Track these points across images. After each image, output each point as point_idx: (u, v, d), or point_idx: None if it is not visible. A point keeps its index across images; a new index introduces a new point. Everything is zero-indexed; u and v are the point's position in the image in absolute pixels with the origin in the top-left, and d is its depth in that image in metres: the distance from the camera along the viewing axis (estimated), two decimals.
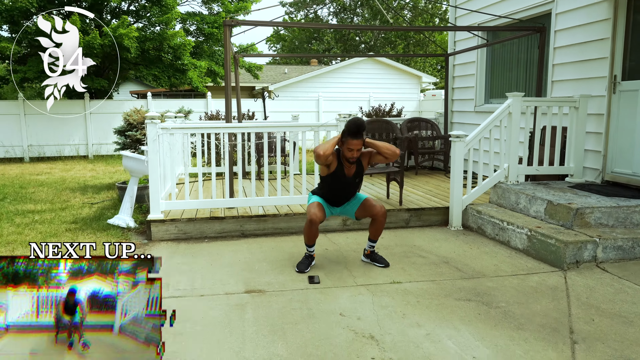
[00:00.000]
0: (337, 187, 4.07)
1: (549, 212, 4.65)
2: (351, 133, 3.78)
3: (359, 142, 3.80)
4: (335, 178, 4.01)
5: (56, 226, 5.64)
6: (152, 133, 4.95)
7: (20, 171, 12.23)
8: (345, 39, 42.49)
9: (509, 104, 5.39)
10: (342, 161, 3.96)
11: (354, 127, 3.77)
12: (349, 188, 4.11)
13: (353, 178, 4.05)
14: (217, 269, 4.14)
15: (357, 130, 3.77)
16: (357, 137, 3.78)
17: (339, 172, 3.98)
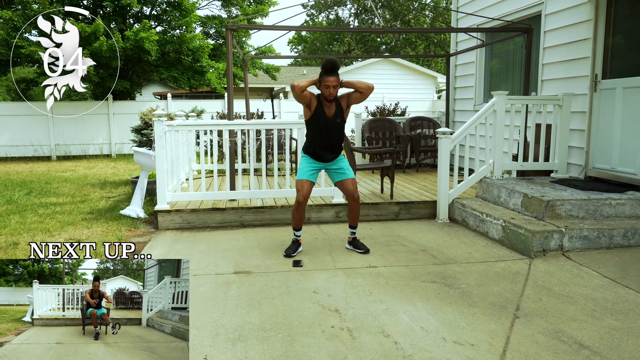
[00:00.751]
0: (321, 129, 4.31)
1: (524, 205, 4.94)
2: (326, 71, 4.12)
3: (334, 78, 4.11)
4: (317, 119, 4.28)
5: (74, 216, 6.15)
6: (158, 130, 5.40)
7: (47, 169, 12.93)
8: (365, 40, 42.78)
9: (494, 102, 5.67)
10: (322, 102, 4.26)
11: (328, 64, 4.12)
12: (332, 130, 4.33)
13: (334, 118, 4.30)
14: (213, 253, 4.56)
15: (332, 67, 4.11)
16: (331, 74, 4.11)
17: (320, 111, 4.26)
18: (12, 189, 8.83)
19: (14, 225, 5.67)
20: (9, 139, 15.82)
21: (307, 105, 4.30)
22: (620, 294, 3.47)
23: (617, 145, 5.39)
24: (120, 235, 5.18)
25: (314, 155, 4.44)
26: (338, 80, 4.16)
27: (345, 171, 4.50)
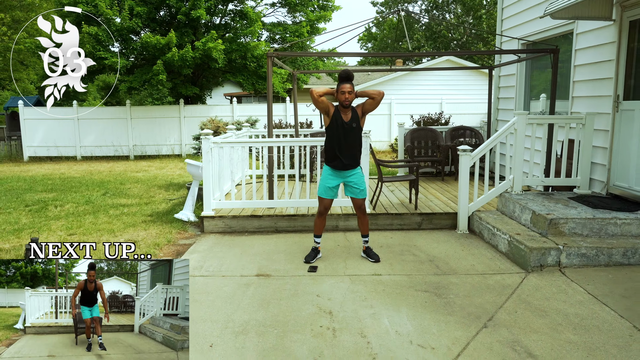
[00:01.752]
0: (339, 133, 4.80)
1: (533, 221, 5.23)
2: (342, 79, 4.73)
3: (349, 85, 4.70)
4: (335, 124, 4.81)
5: (137, 218, 7.11)
6: (205, 146, 6.18)
7: (124, 168, 14.34)
8: (435, 36, 42.42)
9: (514, 122, 5.95)
10: (339, 109, 4.85)
11: (343, 74, 4.73)
12: (349, 134, 4.82)
13: (350, 122, 4.82)
14: (244, 257, 5.26)
15: (347, 76, 4.73)
16: (346, 81, 4.72)
17: (337, 117, 4.81)
18: (92, 189, 10.08)
19: (87, 225, 6.69)
20: (93, 140, 17.58)
21: (325, 113, 4.89)
22: (595, 310, 3.77)
23: (634, 164, 5.51)
24: (171, 237, 6.02)
25: (334, 162, 4.93)
26: (353, 88, 4.76)
27: (358, 190, 5.02)
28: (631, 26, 5.57)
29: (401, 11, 7.30)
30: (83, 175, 12.90)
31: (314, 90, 4.77)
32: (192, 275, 4.67)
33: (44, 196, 9.27)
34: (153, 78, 15.98)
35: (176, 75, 17.33)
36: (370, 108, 4.89)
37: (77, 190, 10.04)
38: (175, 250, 5.59)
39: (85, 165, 15.60)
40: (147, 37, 15.76)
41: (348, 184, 5.05)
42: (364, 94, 4.88)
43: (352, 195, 5.05)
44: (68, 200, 8.73)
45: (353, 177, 5.01)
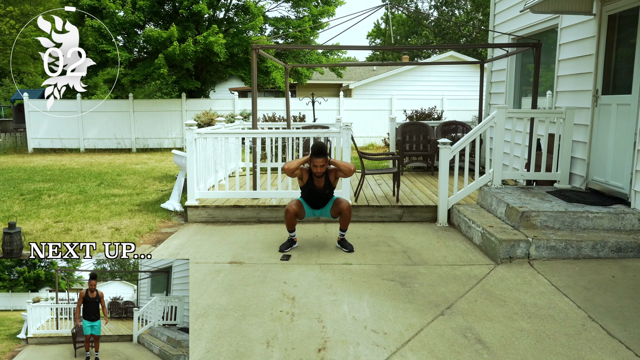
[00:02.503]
0: (312, 195, 5.12)
1: (507, 214, 5.27)
2: (314, 153, 4.88)
3: (320, 160, 4.88)
4: (308, 189, 5.09)
5: (124, 207, 7.23)
6: (189, 137, 6.28)
7: (124, 161, 14.51)
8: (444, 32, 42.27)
9: (494, 115, 5.98)
10: (312, 176, 5.02)
11: (315, 149, 4.89)
12: (321, 197, 5.13)
13: (323, 189, 5.08)
14: (221, 245, 5.35)
15: (319, 151, 4.88)
16: (319, 156, 4.88)
17: (311, 184, 5.05)
18: (89, 180, 10.24)
19: (75, 214, 6.83)
20: (97, 133, 17.78)
21: (300, 179, 5.10)
22: (553, 301, 3.82)
23: (610, 159, 5.53)
24: (154, 226, 6.14)
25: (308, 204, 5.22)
26: (325, 161, 4.92)
27: (333, 200, 5.19)
28: (610, 20, 5.57)
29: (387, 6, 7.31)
30: (83, 166, 13.08)
31: (288, 168, 4.95)
32: None
33: (41, 186, 9.44)
34: (154, 72, 16.13)
35: (178, 69, 17.48)
36: (342, 176, 5.14)
37: (74, 180, 10.20)
38: (155, 238, 5.70)
39: (88, 157, 15.81)
40: (149, 30, 15.90)
41: (325, 210, 5.25)
42: (335, 164, 5.04)
43: (333, 208, 5.17)
44: (63, 190, 8.88)
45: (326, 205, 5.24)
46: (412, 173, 9.39)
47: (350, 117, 17.98)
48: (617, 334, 3.26)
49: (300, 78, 19.87)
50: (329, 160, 4.98)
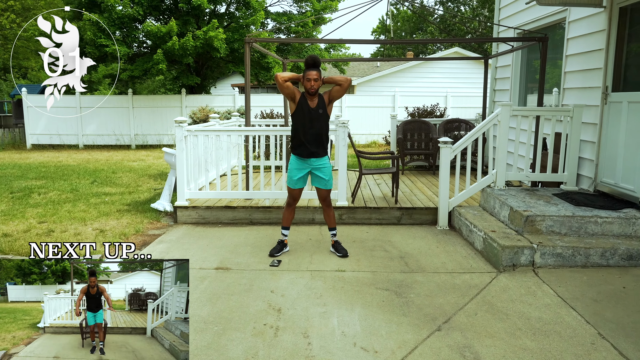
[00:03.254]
0: (305, 119, 4.64)
1: (510, 218, 4.98)
2: (308, 65, 4.55)
3: (315, 72, 4.52)
4: (301, 110, 4.65)
5: (114, 207, 6.98)
6: (179, 134, 6.02)
7: (122, 157, 14.29)
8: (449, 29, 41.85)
9: (498, 113, 5.69)
10: (305, 96, 4.66)
11: (310, 60, 4.54)
12: (316, 120, 4.66)
13: (316, 108, 4.66)
14: (210, 249, 5.09)
15: (313, 62, 4.53)
16: (313, 68, 4.54)
17: (303, 103, 4.63)
18: (83, 178, 10.01)
19: (62, 214, 6.58)
20: (95, 129, 17.57)
21: (291, 99, 4.70)
22: (560, 314, 3.54)
23: (621, 160, 5.23)
24: (141, 227, 5.88)
25: (299, 149, 4.74)
26: (319, 75, 4.56)
27: (324, 181, 4.83)
28: (621, 13, 5.26)
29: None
30: (79, 163, 12.87)
31: (279, 75, 4.58)
32: None
33: (33, 183, 9.22)
34: (153, 67, 15.87)
35: (178, 64, 17.22)
36: (337, 95, 4.70)
37: (68, 178, 9.97)
38: (142, 240, 5.44)
39: (86, 153, 15.59)
40: (148, 25, 15.64)
41: (315, 174, 4.85)
42: (330, 80, 4.68)
43: (317, 186, 4.86)
44: (54, 188, 8.65)
45: (319, 165, 4.82)
46: (413, 172, 9.10)
47: (353, 114, 17.68)
48: (630, 355, 2.98)
49: None
50: (323, 78, 4.66)
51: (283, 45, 19.20)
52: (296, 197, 4.94)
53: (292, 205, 4.96)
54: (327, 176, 4.84)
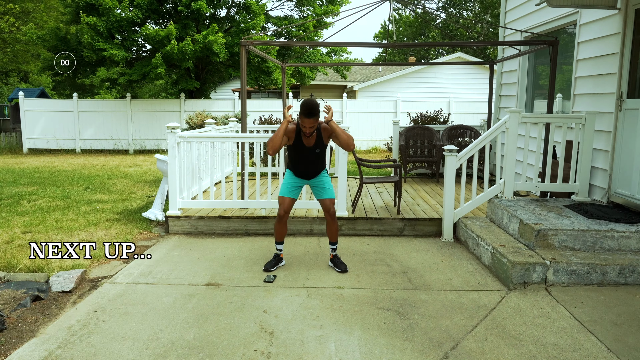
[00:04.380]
0: (300, 156, 4.46)
1: (520, 231, 4.69)
2: (304, 114, 4.19)
3: (310, 120, 4.19)
4: (295, 148, 4.44)
5: (104, 216, 6.70)
6: (171, 141, 5.75)
7: (119, 162, 14.02)
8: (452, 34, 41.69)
9: (506, 120, 5.41)
10: (301, 134, 4.37)
11: (304, 108, 4.18)
12: (311, 157, 4.46)
13: (314, 147, 4.43)
14: (200, 262, 4.80)
15: (309, 111, 4.18)
16: (309, 116, 4.18)
17: (298, 143, 4.40)
18: (76, 184, 9.73)
19: (49, 223, 6.30)
20: (93, 134, 17.31)
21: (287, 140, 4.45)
22: (578, 340, 3.24)
23: (637, 170, 4.94)
24: (131, 238, 5.60)
25: (296, 171, 4.59)
26: (315, 122, 4.26)
27: (325, 190, 4.56)
28: (637, 15, 4.98)
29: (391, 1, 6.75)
30: (75, 168, 12.60)
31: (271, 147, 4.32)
32: (135, 283, 4.23)
33: (24, 190, 8.94)
34: (152, 71, 15.62)
35: (177, 69, 16.97)
36: (335, 142, 4.51)
37: (61, 184, 9.70)
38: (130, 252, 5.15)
39: (82, 158, 15.33)
40: (147, 28, 15.41)
41: (314, 186, 4.64)
42: (335, 132, 4.38)
43: (320, 197, 4.60)
44: (45, 195, 8.38)
45: (318, 182, 4.63)
46: (415, 180, 8.81)
47: (354, 120, 17.43)
48: None
49: (303, 79, 19.32)
50: (329, 124, 4.35)
51: (284, 50, 18.97)
52: (287, 208, 4.59)
53: (283, 217, 4.62)
54: (328, 185, 4.60)
